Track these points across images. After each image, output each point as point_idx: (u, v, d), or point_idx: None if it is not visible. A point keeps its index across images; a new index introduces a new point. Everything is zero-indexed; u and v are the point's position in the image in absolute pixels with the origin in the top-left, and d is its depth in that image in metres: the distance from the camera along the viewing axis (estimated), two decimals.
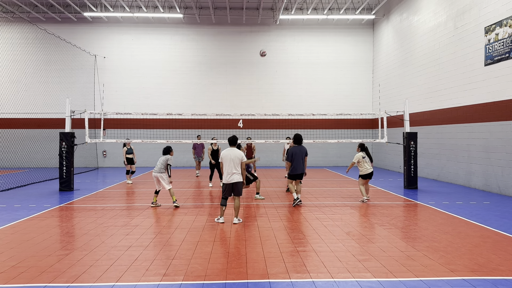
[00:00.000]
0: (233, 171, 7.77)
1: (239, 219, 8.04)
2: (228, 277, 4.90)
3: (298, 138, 9.95)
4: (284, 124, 20.76)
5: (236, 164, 7.77)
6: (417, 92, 16.88)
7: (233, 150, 7.85)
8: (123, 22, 21.82)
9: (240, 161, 7.82)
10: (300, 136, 9.98)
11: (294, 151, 9.77)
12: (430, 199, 10.80)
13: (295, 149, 9.81)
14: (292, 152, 9.78)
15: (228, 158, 7.77)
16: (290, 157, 9.78)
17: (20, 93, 18.92)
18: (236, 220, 7.91)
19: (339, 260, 5.58)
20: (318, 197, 11.20)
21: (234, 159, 7.76)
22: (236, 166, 7.77)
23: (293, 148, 9.87)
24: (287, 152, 9.97)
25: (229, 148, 7.93)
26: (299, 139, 9.94)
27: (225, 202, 7.95)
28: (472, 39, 12.94)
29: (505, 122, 11.49)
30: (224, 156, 7.81)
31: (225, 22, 22.19)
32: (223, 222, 7.93)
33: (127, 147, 14.41)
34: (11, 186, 13.18)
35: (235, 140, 8.05)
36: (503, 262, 5.49)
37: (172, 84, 22.00)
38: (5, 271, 5.14)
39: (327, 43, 22.44)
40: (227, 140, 8.10)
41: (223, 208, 7.98)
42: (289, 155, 9.79)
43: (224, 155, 7.81)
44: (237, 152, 7.82)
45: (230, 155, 7.78)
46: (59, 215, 8.82)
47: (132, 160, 14.41)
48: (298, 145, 9.93)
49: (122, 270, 5.18)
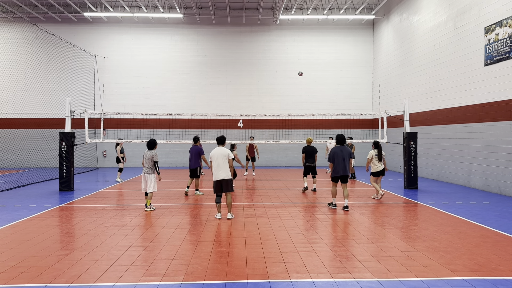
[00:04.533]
0: (220, 169, 8.15)
1: (232, 214, 8.42)
2: (228, 277, 4.90)
3: (341, 138, 9.51)
4: (284, 124, 20.77)
5: (223, 161, 8.16)
6: (417, 92, 16.88)
7: (220, 149, 8.28)
8: (123, 22, 21.82)
9: (227, 158, 8.21)
10: (343, 136, 9.56)
11: (335, 151, 9.34)
12: (430, 199, 10.80)
13: (336, 149, 9.37)
14: (333, 152, 9.36)
15: (215, 157, 8.20)
16: (331, 157, 9.40)
17: (20, 93, 18.92)
18: (230, 216, 8.30)
19: (339, 260, 5.57)
20: (318, 197, 11.20)
21: (221, 157, 8.17)
22: (223, 163, 8.16)
23: (334, 148, 9.45)
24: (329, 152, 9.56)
25: (217, 147, 8.36)
26: (342, 139, 9.50)
27: (219, 199, 8.36)
28: (472, 39, 12.94)
29: (505, 122, 11.49)
30: (212, 155, 8.24)
31: (225, 22, 22.19)
32: (220, 218, 8.29)
33: (121, 147, 15.21)
34: (11, 186, 13.18)
35: (223, 139, 8.55)
36: (503, 262, 5.49)
37: (172, 84, 22.01)
38: (5, 271, 5.14)
39: (327, 43, 22.44)
40: (215, 139, 8.58)
41: (217, 205, 8.36)
42: (330, 155, 9.42)
43: (213, 154, 8.24)
44: (223, 151, 8.25)
45: (217, 154, 8.20)
46: (59, 215, 8.82)
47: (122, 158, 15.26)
48: (340, 145, 9.48)
49: (122, 270, 5.18)
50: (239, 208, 9.56)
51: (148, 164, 9.19)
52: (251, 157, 17.04)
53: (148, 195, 9.22)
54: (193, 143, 11.76)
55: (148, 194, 9.22)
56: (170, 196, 11.43)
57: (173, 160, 21.46)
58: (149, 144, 9.33)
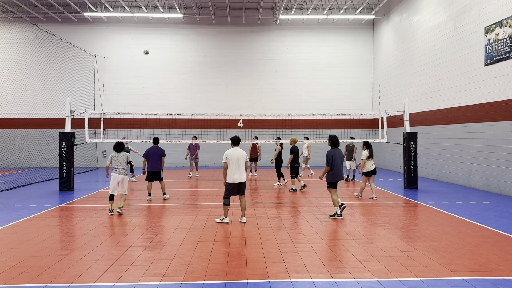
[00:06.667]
0: (240, 171, 7.86)
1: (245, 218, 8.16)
2: (228, 277, 4.90)
3: (336, 140, 8.64)
4: (284, 124, 20.77)
5: (242, 163, 7.89)
6: (417, 92, 16.88)
7: (238, 150, 7.94)
8: (123, 22, 21.82)
9: (244, 160, 7.95)
10: (337, 138, 8.75)
11: (334, 154, 8.38)
12: (430, 199, 10.80)
13: (334, 152, 8.41)
14: (332, 154, 8.37)
15: (234, 158, 7.83)
16: (330, 160, 8.34)
17: (20, 93, 18.92)
18: (244, 219, 8.02)
19: (339, 260, 5.57)
20: (318, 197, 11.20)
21: (241, 158, 7.86)
22: (241, 165, 7.89)
23: (332, 150, 8.47)
24: (326, 154, 8.47)
25: (233, 148, 7.99)
26: (337, 140, 8.65)
27: (229, 201, 7.99)
28: (472, 39, 12.94)
29: (505, 122, 11.49)
30: (230, 156, 7.83)
31: (225, 22, 22.19)
32: (228, 222, 7.95)
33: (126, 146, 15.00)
34: (11, 186, 13.18)
35: (239, 140, 8.14)
36: (503, 262, 5.49)
37: (172, 84, 22.01)
38: (5, 271, 5.13)
39: (327, 43, 22.44)
40: (230, 140, 8.15)
41: (228, 208, 7.99)
42: (329, 158, 8.35)
43: (231, 155, 7.83)
44: (242, 152, 7.94)
45: (236, 155, 7.85)
46: (59, 215, 8.82)
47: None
48: (336, 147, 8.58)
49: (122, 270, 5.18)
50: (239, 208, 9.54)
51: (123, 165, 8.97)
52: (253, 157, 17.03)
53: (124, 196, 8.99)
54: (153, 144, 11.04)
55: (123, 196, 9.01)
56: (170, 196, 11.42)
57: (173, 160, 21.44)
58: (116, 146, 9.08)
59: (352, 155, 14.58)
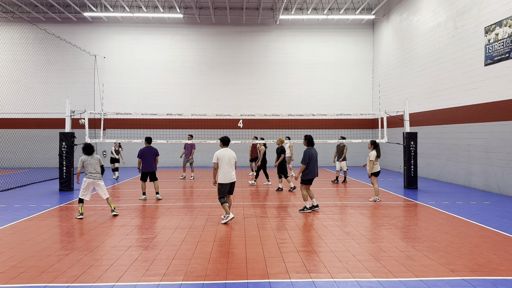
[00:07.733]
0: (233, 171, 8.05)
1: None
2: (228, 277, 4.90)
3: (311, 139, 9.30)
4: (284, 124, 20.77)
5: (233, 163, 8.10)
6: (417, 92, 16.88)
7: (228, 150, 8.12)
8: (123, 22, 21.82)
9: (234, 160, 8.15)
10: (312, 137, 9.41)
11: (311, 153, 9.01)
12: (430, 199, 10.80)
13: (311, 151, 9.06)
14: (309, 154, 8.99)
15: (226, 158, 8.00)
16: (307, 159, 8.94)
17: (20, 93, 18.91)
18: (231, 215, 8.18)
19: (339, 260, 5.57)
20: (318, 197, 11.19)
21: (231, 159, 8.06)
22: (232, 165, 8.08)
23: (309, 149, 9.10)
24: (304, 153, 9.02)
25: (224, 149, 8.16)
26: (312, 140, 9.33)
27: (225, 199, 8.09)
28: (472, 39, 12.94)
29: (505, 122, 11.49)
30: (222, 157, 7.99)
31: (225, 22, 22.19)
32: (233, 216, 8.03)
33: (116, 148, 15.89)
34: (11, 186, 13.18)
35: (229, 140, 8.37)
36: (503, 262, 5.49)
37: (172, 84, 22.01)
38: (5, 271, 5.13)
39: (327, 43, 22.45)
40: (220, 140, 8.28)
41: (226, 204, 8.06)
42: (306, 157, 8.94)
43: (222, 156, 7.99)
44: (232, 152, 8.14)
45: (227, 155, 8.02)
46: (59, 215, 8.82)
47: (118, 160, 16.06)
48: (311, 146, 9.25)
49: (122, 270, 5.18)
50: (239, 208, 9.55)
51: (97, 170, 8.47)
52: (254, 157, 17.00)
53: (109, 199, 8.70)
54: (147, 144, 10.90)
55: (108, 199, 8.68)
56: (170, 196, 11.43)
57: (173, 160, 21.44)
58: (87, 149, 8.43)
59: (342, 155, 14.12)
